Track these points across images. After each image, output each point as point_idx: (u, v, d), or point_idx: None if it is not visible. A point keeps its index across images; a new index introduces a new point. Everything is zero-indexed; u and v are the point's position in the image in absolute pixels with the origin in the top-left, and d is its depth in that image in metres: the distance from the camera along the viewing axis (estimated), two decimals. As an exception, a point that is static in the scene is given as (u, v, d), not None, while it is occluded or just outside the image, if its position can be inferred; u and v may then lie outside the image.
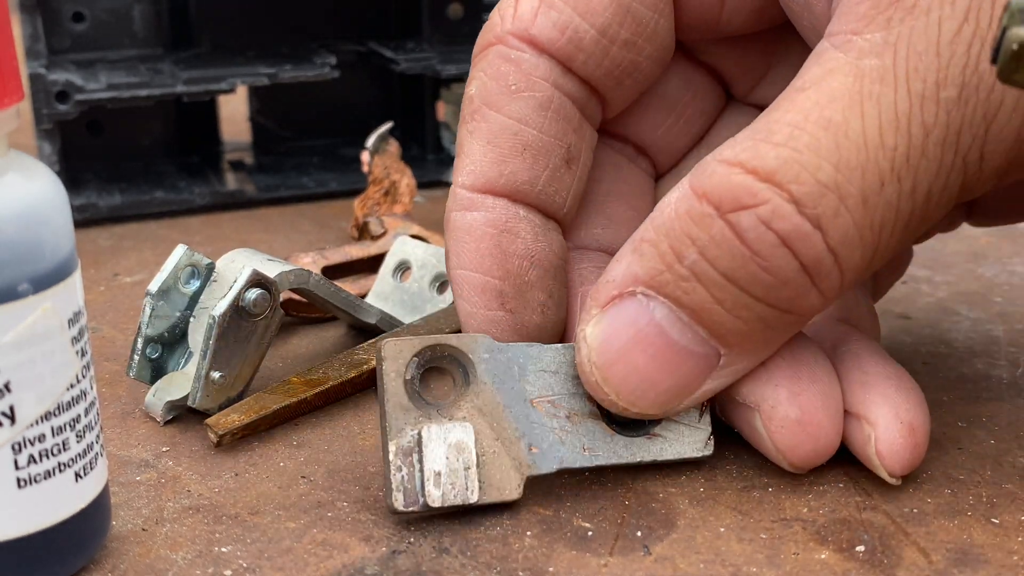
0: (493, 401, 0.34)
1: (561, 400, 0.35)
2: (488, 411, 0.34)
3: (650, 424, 0.35)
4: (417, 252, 0.47)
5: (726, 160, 0.31)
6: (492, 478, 0.33)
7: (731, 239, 0.30)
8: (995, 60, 0.27)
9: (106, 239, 0.57)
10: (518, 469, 0.34)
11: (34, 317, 0.28)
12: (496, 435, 0.34)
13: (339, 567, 0.32)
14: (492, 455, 0.34)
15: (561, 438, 0.34)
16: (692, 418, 0.35)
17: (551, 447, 0.34)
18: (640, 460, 0.35)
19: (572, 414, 0.35)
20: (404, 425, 0.33)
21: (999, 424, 0.39)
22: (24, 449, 0.29)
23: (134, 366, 0.40)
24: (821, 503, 0.35)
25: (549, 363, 0.35)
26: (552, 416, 0.34)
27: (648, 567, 0.32)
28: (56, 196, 0.29)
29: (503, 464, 0.34)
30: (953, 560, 0.32)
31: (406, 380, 0.33)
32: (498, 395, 0.34)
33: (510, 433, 0.34)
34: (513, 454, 0.34)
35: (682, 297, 0.32)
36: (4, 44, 0.28)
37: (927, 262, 0.53)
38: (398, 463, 0.33)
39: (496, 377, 0.34)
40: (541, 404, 0.34)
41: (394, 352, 0.33)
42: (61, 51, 0.61)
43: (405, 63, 0.62)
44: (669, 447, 0.35)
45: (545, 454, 0.34)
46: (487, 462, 0.33)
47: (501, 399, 0.34)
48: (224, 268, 0.40)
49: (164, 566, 0.32)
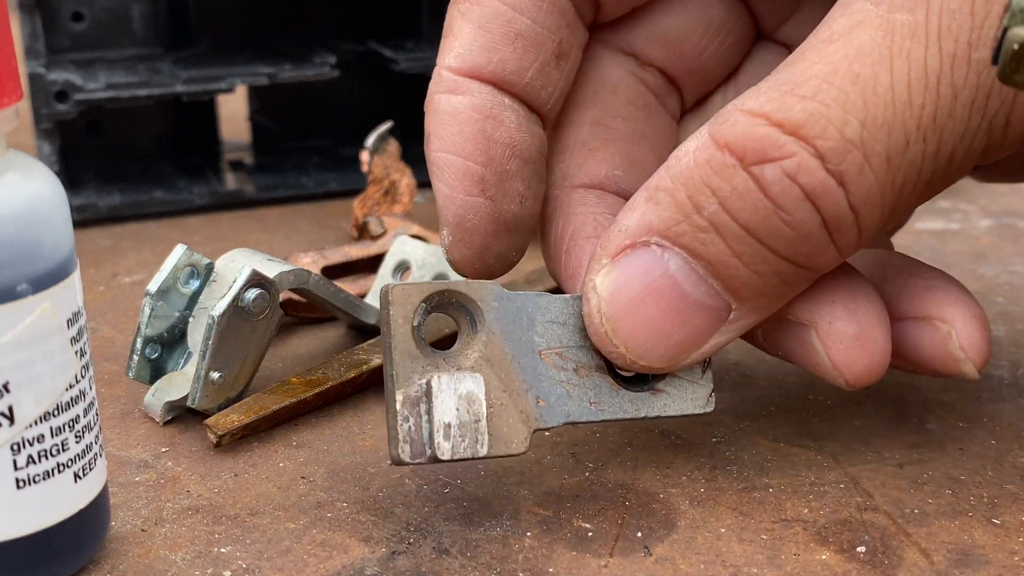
0: (501, 351, 0.33)
1: (569, 352, 0.34)
2: (496, 361, 0.32)
3: (654, 379, 0.35)
4: (417, 252, 0.46)
5: (750, 111, 0.30)
6: (499, 431, 0.32)
7: (754, 191, 0.30)
8: (995, 60, 0.27)
9: (105, 239, 0.57)
10: (525, 422, 0.32)
11: (33, 317, 0.28)
12: (504, 386, 0.32)
13: (339, 568, 0.32)
14: (500, 407, 0.32)
15: (568, 391, 0.33)
16: (695, 375, 0.35)
17: (558, 400, 0.33)
18: (645, 415, 0.34)
19: (579, 367, 0.34)
20: (411, 374, 0.31)
21: (1000, 424, 0.39)
22: (23, 449, 0.29)
23: (133, 366, 0.40)
24: (822, 504, 0.34)
25: (558, 314, 0.34)
26: (560, 369, 0.33)
27: (648, 568, 0.32)
28: (55, 196, 0.29)
29: (510, 417, 0.32)
30: (954, 561, 0.32)
31: (413, 327, 0.32)
32: (506, 345, 0.33)
33: (518, 385, 0.32)
34: (520, 407, 0.32)
35: (699, 248, 0.31)
36: (3, 44, 0.28)
37: (928, 261, 0.53)
38: (405, 413, 0.31)
39: (504, 326, 0.33)
40: (549, 356, 0.33)
41: (401, 297, 0.31)
42: (60, 51, 0.61)
43: (405, 63, 0.62)
44: (672, 403, 0.35)
45: (552, 408, 0.33)
46: (495, 414, 0.32)
47: (509, 349, 0.33)
48: (223, 268, 0.40)
49: (163, 566, 0.32)
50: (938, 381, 0.42)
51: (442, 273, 0.45)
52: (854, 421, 0.39)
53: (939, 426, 0.39)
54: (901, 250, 0.55)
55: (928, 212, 0.60)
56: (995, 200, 0.62)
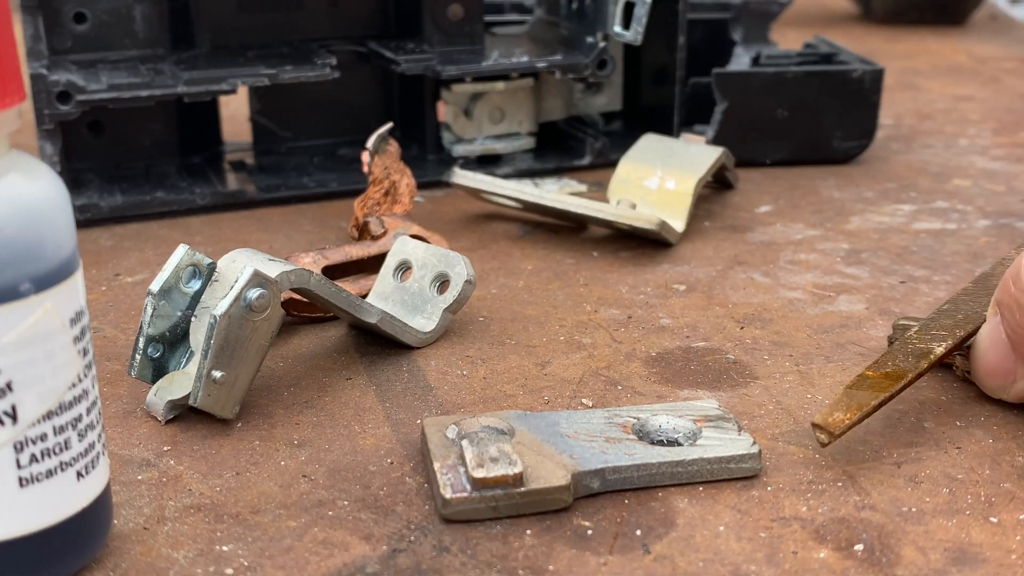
0: (530, 439, 0.36)
1: (596, 433, 0.37)
2: (526, 443, 0.36)
3: (689, 441, 0.37)
4: (417, 252, 0.47)
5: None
6: (536, 473, 0.34)
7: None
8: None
9: (107, 239, 0.57)
10: (564, 468, 0.35)
11: (36, 317, 0.28)
12: (536, 452, 0.35)
13: (340, 566, 0.32)
14: (535, 464, 0.35)
15: (602, 450, 0.36)
16: (732, 432, 0.37)
17: (593, 455, 0.35)
18: (683, 458, 0.35)
19: (609, 439, 0.36)
20: (449, 453, 0.36)
21: (997, 423, 0.39)
22: (26, 448, 0.29)
23: (135, 365, 0.40)
24: (820, 502, 0.35)
25: (581, 417, 0.37)
26: (590, 441, 0.36)
27: (647, 566, 0.32)
28: (58, 196, 0.29)
29: (546, 466, 0.35)
30: (951, 559, 0.32)
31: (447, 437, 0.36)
32: (535, 436, 0.36)
33: (549, 451, 0.35)
34: (555, 461, 0.35)
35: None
36: (5, 45, 0.28)
37: (926, 262, 0.53)
38: (445, 471, 0.35)
39: (532, 428, 0.37)
40: (577, 436, 0.37)
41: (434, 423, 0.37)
42: (62, 51, 0.61)
43: (405, 63, 0.62)
44: (713, 449, 0.36)
45: (587, 460, 0.35)
46: (530, 465, 0.35)
47: (539, 436, 0.36)
48: (225, 268, 0.40)
49: (165, 565, 0.32)
50: (936, 380, 0.42)
51: (442, 273, 0.46)
52: (852, 420, 0.39)
53: (936, 425, 0.39)
54: (899, 250, 0.55)
55: (926, 212, 0.60)
56: (992, 200, 0.62)
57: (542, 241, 0.56)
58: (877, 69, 0.66)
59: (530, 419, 0.37)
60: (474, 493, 0.34)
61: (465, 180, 0.57)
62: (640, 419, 0.38)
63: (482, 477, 0.33)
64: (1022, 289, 0.37)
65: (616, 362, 0.44)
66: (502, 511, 0.34)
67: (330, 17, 0.66)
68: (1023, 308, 0.37)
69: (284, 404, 0.41)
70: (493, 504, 0.34)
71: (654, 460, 0.35)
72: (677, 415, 0.38)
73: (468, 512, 0.34)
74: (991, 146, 0.73)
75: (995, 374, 0.39)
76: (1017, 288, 0.37)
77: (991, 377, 0.39)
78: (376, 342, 0.46)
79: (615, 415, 0.38)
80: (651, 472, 0.35)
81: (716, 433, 0.37)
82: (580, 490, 0.35)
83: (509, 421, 0.37)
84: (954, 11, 1.15)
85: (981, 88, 0.90)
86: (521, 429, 0.36)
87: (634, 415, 0.38)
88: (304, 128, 0.68)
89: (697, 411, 0.38)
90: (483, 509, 0.34)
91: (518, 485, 0.34)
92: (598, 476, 0.35)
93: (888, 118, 0.80)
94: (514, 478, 0.34)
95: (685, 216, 0.56)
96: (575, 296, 0.50)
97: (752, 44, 0.74)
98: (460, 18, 0.65)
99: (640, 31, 0.60)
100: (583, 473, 0.35)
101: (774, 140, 0.67)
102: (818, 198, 0.63)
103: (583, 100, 0.70)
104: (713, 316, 0.48)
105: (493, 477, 0.33)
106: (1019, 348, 0.38)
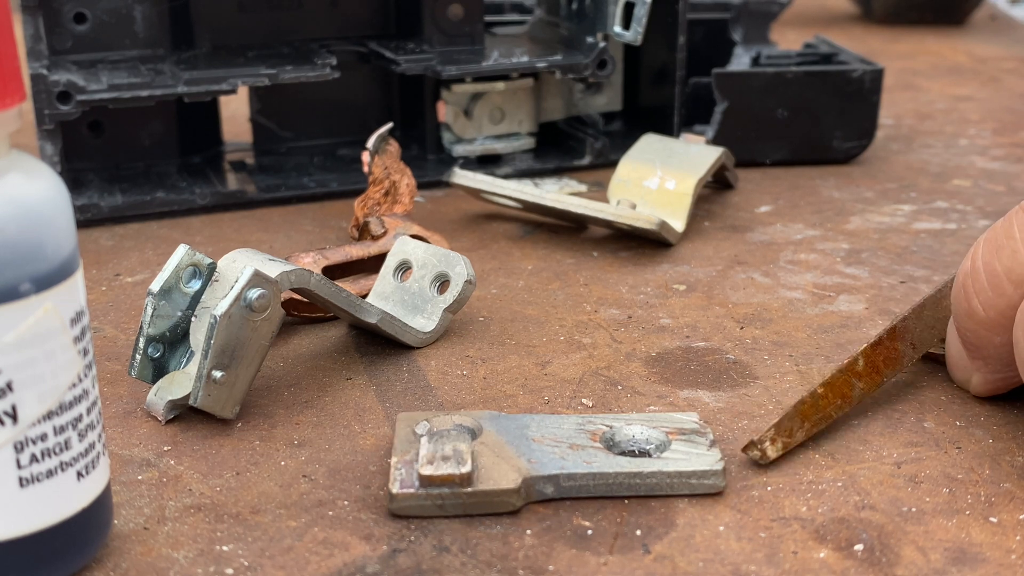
0: (495, 439, 0.36)
1: (563, 439, 0.36)
2: (490, 444, 0.36)
3: (657, 453, 0.36)
4: (418, 252, 0.47)
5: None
6: (488, 474, 0.34)
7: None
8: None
9: (108, 239, 0.57)
10: (518, 471, 0.34)
11: (36, 317, 0.28)
12: (495, 454, 0.35)
13: (340, 565, 0.32)
14: (490, 465, 0.35)
15: (562, 456, 0.35)
16: (701, 446, 0.36)
17: (552, 460, 0.35)
18: (641, 469, 0.35)
19: (574, 446, 0.36)
20: (409, 449, 0.36)
21: (997, 423, 0.39)
22: (26, 448, 0.29)
23: (136, 365, 0.40)
24: (820, 502, 0.35)
25: (553, 422, 0.37)
26: (553, 446, 0.36)
27: (647, 566, 0.32)
28: (58, 196, 0.29)
29: (500, 468, 0.35)
30: (951, 559, 0.32)
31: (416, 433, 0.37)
32: (501, 437, 0.36)
33: (509, 453, 0.35)
34: (512, 464, 0.35)
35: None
36: (6, 45, 0.28)
37: (926, 262, 0.53)
38: (399, 467, 0.35)
39: (500, 430, 0.37)
40: (543, 440, 0.36)
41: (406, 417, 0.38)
42: (63, 52, 0.61)
43: (405, 63, 0.62)
44: (676, 464, 0.35)
45: (545, 464, 0.35)
46: (484, 465, 0.35)
47: (504, 438, 0.36)
48: (225, 268, 0.40)
49: (166, 565, 0.32)
50: (936, 379, 0.42)
51: (442, 273, 0.46)
52: (851, 420, 0.39)
53: (936, 425, 0.39)
54: (899, 250, 0.55)
55: (926, 212, 0.60)
56: (992, 200, 0.62)
57: (542, 241, 0.56)
58: (877, 69, 0.66)
59: (502, 420, 0.37)
60: (420, 490, 0.34)
61: (465, 180, 0.57)
62: (613, 427, 0.37)
63: (429, 474, 0.34)
64: (968, 295, 0.38)
65: (616, 362, 0.44)
66: (448, 510, 0.34)
67: (330, 17, 0.66)
68: (968, 312, 0.38)
69: (284, 404, 0.41)
70: (439, 502, 0.34)
71: (611, 470, 0.35)
72: (651, 426, 0.37)
73: (414, 508, 0.34)
74: (991, 146, 0.73)
75: (957, 367, 0.41)
76: (965, 292, 0.38)
77: (955, 370, 0.41)
78: (376, 342, 0.46)
79: (589, 421, 0.37)
80: (608, 482, 0.35)
81: (684, 447, 0.36)
82: (533, 495, 0.34)
83: (481, 421, 0.37)
84: (954, 11, 1.15)
85: (981, 88, 0.90)
86: (489, 430, 0.36)
87: (608, 423, 0.37)
88: (304, 128, 0.68)
89: (673, 423, 0.37)
90: (429, 506, 0.34)
91: (465, 485, 0.34)
92: (552, 482, 0.35)
93: (888, 118, 0.80)
94: (461, 478, 0.34)
95: (685, 216, 0.56)
96: (575, 296, 0.50)
97: (752, 44, 0.75)
98: (460, 18, 0.65)
99: (640, 31, 0.60)
100: (536, 478, 0.34)
101: (774, 140, 0.67)
102: (818, 198, 0.63)
103: (583, 100, 0.70)
104: (713, 316, 0.48)
105: (440, 475, 0.34)
106: (968, 347, 0.40)
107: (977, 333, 0.38)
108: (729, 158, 0.61)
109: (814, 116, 0.67)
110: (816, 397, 0.38)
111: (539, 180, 0.66)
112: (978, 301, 0.38)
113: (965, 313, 0.38)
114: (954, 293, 0.39)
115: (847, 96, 0.66)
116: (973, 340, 0.39)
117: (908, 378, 0.42)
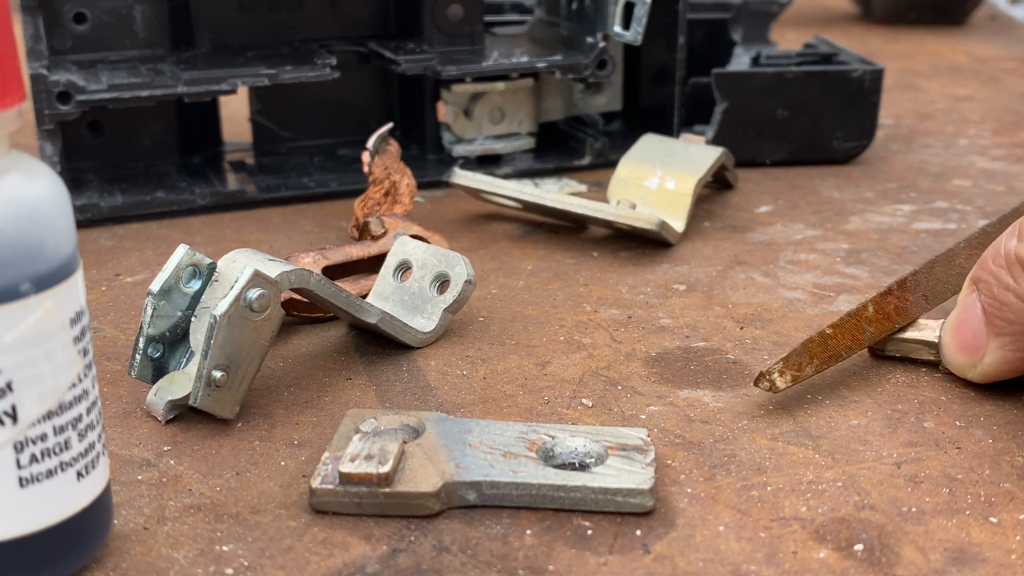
0: (434, 442, 0.36)
1: (498, 446, 0.36)
2: (426, 447, 0.36)
3: (591, 467, 0.36)
4: (417, 252, 0.47)
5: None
6: (411, 475, 0.34)
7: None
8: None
9: (107, 239, 0.57)
10: (441, 476, 0.34)
11: (36, 317, 0.28)
12: (427, 456, 0.35)
13: (340, 565, 0.32)
14: (418, 466, 0.35)
15: (491, 463, 0.35)
16: (637, 464, 0.35)
17: (479, 467, 0.35)
18: (566, 483, 0.34)
19: (507, 453, 0.36)
20: (343, 445, 0.36)
21: (997, 423, 0.39)
22: (26, 448, 0.29)
23: (136, 365, 0.40)
24: (820, 502, 0.35)
25: (497, 427, 0.37)
26: (487, 452, 0.36)
27: (647, 566, 0.32)
28: (58, 196, 0.29)
29: (426, 471, 0.35)
30: (951, 559, 0.32)
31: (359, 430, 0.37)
32: (440, 439, 0.36)
33: (440, 456, 0.35)
34: (439, 468, 0.35)
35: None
36: (6, 45, 0.28)
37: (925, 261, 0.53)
38: (327, 461, 0.35)
39: (442, 433, 0.37)
40: (479, 446, 0.36)
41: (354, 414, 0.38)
42: (62, 52, 0.61)
43: (405, 63, 0.62)
44: (605, 480, 0.35)
45: (470, 470, 0.35)
46: (411, 466, 0.35)
47: (442, 441, 0.36)
48: (225, 268, 0.40)
49: (166, 565, 0.32)
50: (935, 379, 0.42)
51: (442, 273, 0.46)
52: (851, 420, 0.39)
53: (936, 425, 0.39)
54: (899, 250, 0.55)
55: (926, 212, 0.60)
56: (992, 200, 0.62)
57: (542, 241, 0.56)
58: (877, 69, 0.66)
59: (447, 424, 0.37)
60: (340, 487, 0.34)
61: (465, 180, 0.57)
62: (556, 438, 0.37)
63: (348, 472, 0.34)
64: (1000, 264, 0.39)
65: (616, 362, 0.44)
66: (366, 508, 0.34)
67: (330, 17, 0.66)
68: (1001, 282, 0.39)
69: (284, 404, 0.41)
70: (357, 500, 0.34)
71: (535, 481, 0.34)
72: (594, 439, 0.36)
73: (332, 504, 0.34)
74: (991, 146, 0.73)
75: (966, 350, 0.41)
76: (996, 264, 0.39)
77: (962, 353, 0.41)
78: (376, 342, 0.46)
79: (533, 430, 0.37)
80: (531, 493, 0.34)
81: (620, 463, 0.35)
82: (455, 500, 0.34)
83: (426, 422, 0.37)
84: (954, 11, 1.15)
85: (981, 88, 0.90)
86: (431, 432, 0.37)
87: (552, 433, 0.37)
88: (304, 128, 0.68)
89: (618, 438, 0.37)
90: (347, 504, 0.34)
91: (383, 485, 0.34)
92: (474, 488, 0.34)
93: (888, 118, 0.80)
94: (379, 477, 0.34)
95: (685, 216, 0.56)
96: (575, 296, 0.50)
97: (752, 44, 0.75)
98: (460, 18, 0.65)
99: (640, 31, 0.60)
100: (459, 483, 0.34)
101: (774, 140, 0.67)
102: (818, 198, 0.63)
103: (583, 100, 0.70)
104: (713, 316, 0.48)
105: (358, 473, 0.34)
106: (994, 322, 0.40)
107: (1015, 307, 0.39)
108: (729, 158, 0.61)
109: (814, 116, 0.67)
110: (824, 336, 0.39)
111: (539, 180, 0.66)
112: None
113: (1006, 287, 0.39)
114: (983, 269, 0.40)
115: (847, 96, 0.66)
116: (1010, 315, 0.39)
117: (908, 378, 0.42)
